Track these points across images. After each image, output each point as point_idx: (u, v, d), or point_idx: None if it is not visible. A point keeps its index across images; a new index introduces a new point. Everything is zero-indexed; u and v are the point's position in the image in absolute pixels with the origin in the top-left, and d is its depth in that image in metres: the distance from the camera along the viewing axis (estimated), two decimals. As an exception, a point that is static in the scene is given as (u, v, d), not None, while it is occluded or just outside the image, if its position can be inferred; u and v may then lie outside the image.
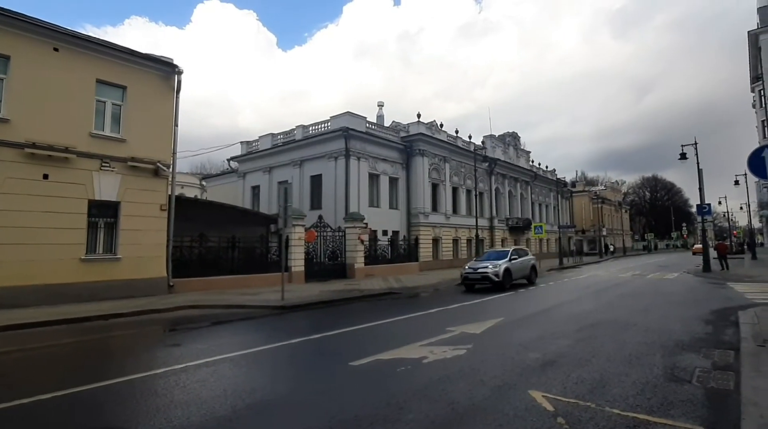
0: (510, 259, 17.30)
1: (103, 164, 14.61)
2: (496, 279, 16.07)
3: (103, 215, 14.87)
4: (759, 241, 68.97)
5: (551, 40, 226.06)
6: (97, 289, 13.90)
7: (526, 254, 20.15)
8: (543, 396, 4.41)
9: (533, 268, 19.45)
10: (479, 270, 16.62)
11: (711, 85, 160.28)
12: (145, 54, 15.95)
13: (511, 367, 5.60)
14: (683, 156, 25.69)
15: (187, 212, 17.44)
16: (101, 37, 16.94)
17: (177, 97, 16.57)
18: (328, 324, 9.88)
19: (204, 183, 41.32)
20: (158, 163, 15.66)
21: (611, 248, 61.68)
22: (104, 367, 6.46)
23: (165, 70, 16.28)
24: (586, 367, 5.47)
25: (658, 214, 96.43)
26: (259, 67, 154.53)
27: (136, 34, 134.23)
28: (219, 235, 18.00)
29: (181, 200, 18.43)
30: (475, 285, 16.88)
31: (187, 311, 12.24)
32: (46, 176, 13.43)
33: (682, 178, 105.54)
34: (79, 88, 14.25)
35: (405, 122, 33.09)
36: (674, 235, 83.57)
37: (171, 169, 16.24)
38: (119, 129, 15.18)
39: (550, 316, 10.07)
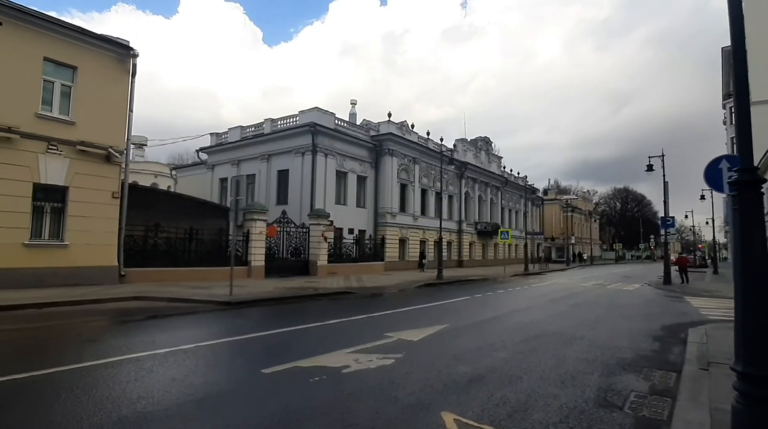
0: None
1: (50, 147, 13.95)
2: None
3: (50, 200, 14.28)
4: (723, 256, 71.33)
5: (533, 48, 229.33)
6: (42, 275, 13.38)
7: None
8: (455, 419, 4.05)
9: None
10: None
11: (686, 100, 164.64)
12: (98, 34, 15.30)
13: (435, 382, 5.24)
14: (650, 168, 25.80)
15: (143, 202, 16.97)
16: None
17: (132, 81, 15.96)
18: (265, 323, 9.63)
19: (175, 173, 40.34)
20: (110, 149, 15.04)
21: (584, 256, 62.74)
22: None
23: (120, 53, 15.64)
24: (515, 385, 5.14)
25: (628, 225, 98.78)
26: (244, 61, 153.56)
27: (122, 22, 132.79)
28: (177, 226, 17.54)
29: (136, 189, 17.85)
30: None
31: (128, 303, 11.78)
32: (-14, 157, 12.76)
33: (652, 191, 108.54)
34: (24, 65, 13.59)
35: (377, 121, 32.90)
36: (642, 246, 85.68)
37: (124, 156, 15.63)
38: (68, 111, 14.54)
39: (497, 324, 9.79)
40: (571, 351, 7.05)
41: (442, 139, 29.09)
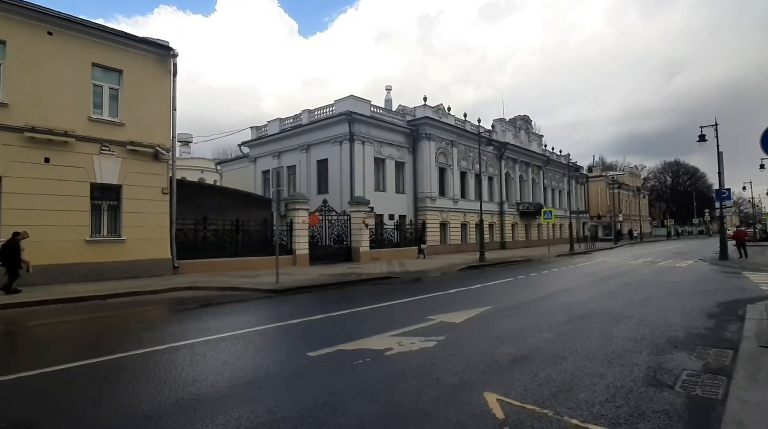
0: None
1: (103, 148, 14.72)
2: None
3: (106, 198, 15.10)
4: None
5: (575, 20, 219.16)
6: (103, 269, 14.24)
7: None
8: (498, 399, 4.03)
9: None
10: None
11: (746, 64, 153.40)
12: (140, 37, 15.91)
13: (477, 363, 5.21)
14: (702, 138, 24.34)
15: (191, 196, 17.69)
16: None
17: (174, 80, 16.50)
18: (310, 309, 9.84)
19: (219, 168, 41.65)
20: (157, 147, 15.70)
21: (634, 234, 60.47)
22: (48, 353, 6.38)
23: (161, 53, 16.20)
24: (560, 365, 5.05)
25: (679, 199, 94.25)
26: (281, 54, 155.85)
27: (164, 23, 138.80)
28: (224, 218, 18.16)
29: (184, 184, 18.58)
30: None
31: (182, 292, 12.42)
32: (47, 160, 13.65)
33: (706, 163, 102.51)
34: (75, 72, 14.31)
35: (413, 106, 32.62)
36: (696, 221, 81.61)
37: (171, 153, 16.28)
38: (117, 113, 15.25)
39: (542, 305, 9.62)
40: (618, 330, 6.85)
41: (479, 120, 28.57)
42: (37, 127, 13.32)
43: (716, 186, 23.86)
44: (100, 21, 14.85)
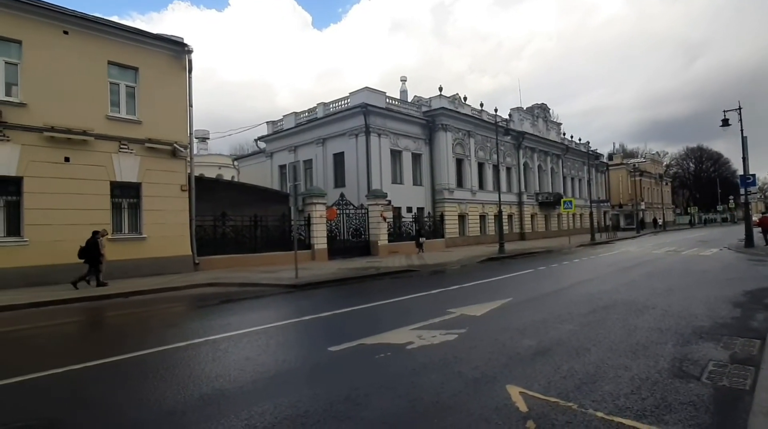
0: None
1: (122, 146, 14.87)
2: None
3: (126, 196, 15.26)
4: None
5: (593, 2, 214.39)
6: (125, 267, 14.38)
7: None
8: (520, 393, 3.99)
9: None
10: None
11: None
12: (155, 34, 15.98)
13: (499, 356, 5.17)
14: (725, 122, 23.46)
15: (209, 193, 17.81)
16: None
17: (189, 77, 16.57)
18: (330, 303, 9.83)
19: (236, 164, 41.93)
20: (175, 144, 15.82)
21: (659, 222, 59.28)
22: (74, 350, 6.52)
23: (175, 50, 16.25)
24: (583, 357, 4.97)
25: (703, 186, 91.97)
26: (295, 47, 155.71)
27: (179, 19, 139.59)
28: (242, 214, 18.27)
29: (202, 181, 18.73)
30: None
31: (203, 289, 12.53)
32: (67, 159, 13.84)
33: (730, 149, 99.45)
34: (91, 70, 14.42)
35: (429, 97, 32.25)
36: (720, 208, 79.63)
37: (188, 150, 16.38)
38: (135, 111, 15.38)
39: (563, 296, 9.50)
40: (642, 321, 6.76)
41: (496, 110, 28.23)
42: (56, 127, 13.49)
43: (741, 172, 23.22)
44: (114, 18, 15.07)
